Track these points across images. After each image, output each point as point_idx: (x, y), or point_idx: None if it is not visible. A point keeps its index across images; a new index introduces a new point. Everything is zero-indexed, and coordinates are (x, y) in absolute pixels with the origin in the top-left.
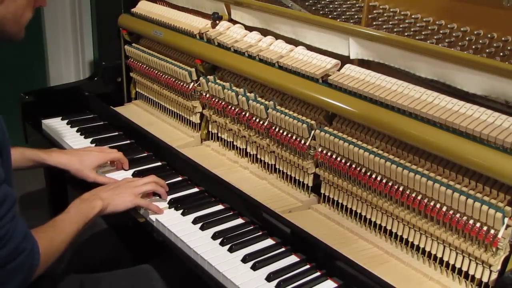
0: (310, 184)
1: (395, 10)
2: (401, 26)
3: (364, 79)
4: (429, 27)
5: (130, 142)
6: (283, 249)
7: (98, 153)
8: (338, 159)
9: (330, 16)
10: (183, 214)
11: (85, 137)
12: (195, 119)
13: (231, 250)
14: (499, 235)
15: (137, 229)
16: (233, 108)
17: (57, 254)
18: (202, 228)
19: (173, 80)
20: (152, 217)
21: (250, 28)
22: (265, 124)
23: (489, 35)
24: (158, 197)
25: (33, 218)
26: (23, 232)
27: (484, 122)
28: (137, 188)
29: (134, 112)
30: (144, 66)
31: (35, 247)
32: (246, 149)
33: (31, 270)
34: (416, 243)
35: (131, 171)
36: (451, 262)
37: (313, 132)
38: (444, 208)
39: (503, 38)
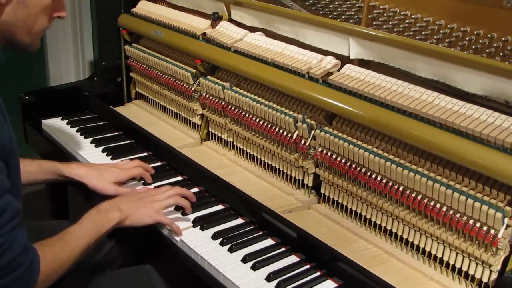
0: (310, 184)
1: (395, 10)
2: (401, 26)
3: (364, 79)
4: (429, 27)
5: (130, 142)
6: (283, 249)
7: (119, 170)
8: (338, 159)
9: (330, 16)
10: (183, 214)
11: (85, 137)
12: (196, 120)
13: (231, 250)
14: (499, 235)
15: (137, 229)
16: (233, 108)
17: (62, 270)
18: (202, 228)
19: (173, 80)
20: None
21: (250, 28)
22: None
23: (489, 35)
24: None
25: (33, 218)
26: (23, 245)
27: (484, 122)
28: (160, 203)
29: (134, 112)
30: (144, 66)
31: (35, 262)
32: (246, 149)
33: (28, 287)
34: (416, 243)
35: None
36: (451, 262)
37: (313, 132)
38: (444, 208)
39: (503, 38)
